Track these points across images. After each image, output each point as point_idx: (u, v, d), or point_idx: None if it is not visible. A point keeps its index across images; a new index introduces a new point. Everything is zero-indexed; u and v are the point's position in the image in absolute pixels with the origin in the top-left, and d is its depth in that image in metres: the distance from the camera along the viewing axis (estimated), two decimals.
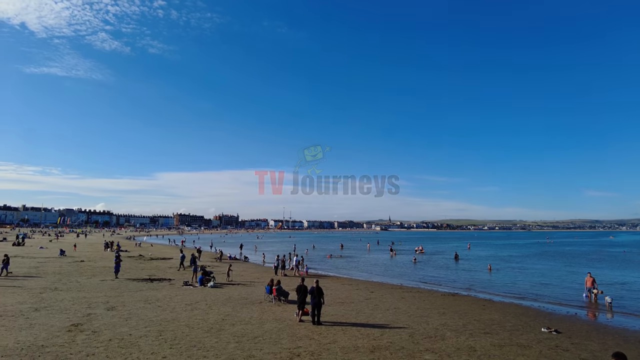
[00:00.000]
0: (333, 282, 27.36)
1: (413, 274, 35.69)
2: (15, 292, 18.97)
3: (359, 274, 34.58)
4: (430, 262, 47.38)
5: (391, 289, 24.91)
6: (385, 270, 38.31)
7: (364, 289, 23.75)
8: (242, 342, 11.40)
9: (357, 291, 22.85)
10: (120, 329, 12.47)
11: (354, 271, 37.26)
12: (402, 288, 25.51)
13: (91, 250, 51.38)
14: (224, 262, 38.81)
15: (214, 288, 22.16)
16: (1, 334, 11.57)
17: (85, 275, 25.99)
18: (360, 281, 28.93)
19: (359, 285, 25.71)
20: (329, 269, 38.96)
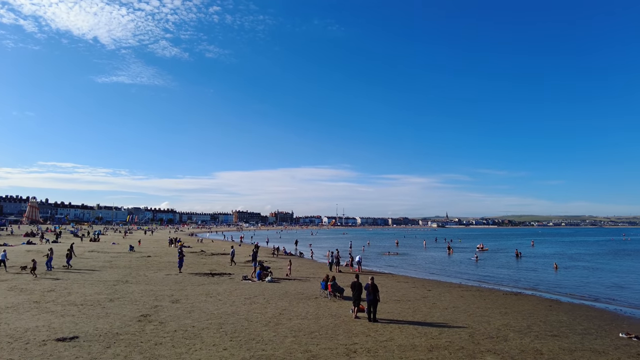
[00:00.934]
0: (388, 279, 27.04)
1: (472, 272, 34.41)
2: (93, 283, 20.60)
3: (415, 272, 33.89)
4: (491, 260, 45.39)
5: (449, 287, 24.18)
6: (442, 268, 37.24)
7: (420, 287, 23.25)
8: (299, 337, 11.58)
9: (413, 289, 22.42)
10: (184, 321, 13.14)
11: (410, 269, 36.57)
12: (461, 287, 24.67)
13: (157, 246, 54.57)
14: (280, 258, 39.67)
15: (271, 283, 22.70)
16: (82, 321, 12.63)
17: (152, 270, 27.66)
18: (416, 279, 28.35)
19: (416, 283, 25.21)
20: (383, 266, 38.55)
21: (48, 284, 19.88)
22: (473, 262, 42.69)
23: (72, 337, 10.82)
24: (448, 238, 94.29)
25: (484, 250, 59.98)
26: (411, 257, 50.00)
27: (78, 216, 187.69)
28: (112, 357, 9.30)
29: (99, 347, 10.09)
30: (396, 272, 33.50)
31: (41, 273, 23.46)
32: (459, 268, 37.59)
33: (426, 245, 70.67)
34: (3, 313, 13.59)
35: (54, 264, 25.79)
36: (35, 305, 14.89)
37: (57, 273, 24.22)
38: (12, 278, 21.75)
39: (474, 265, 40.32)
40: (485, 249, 61.56)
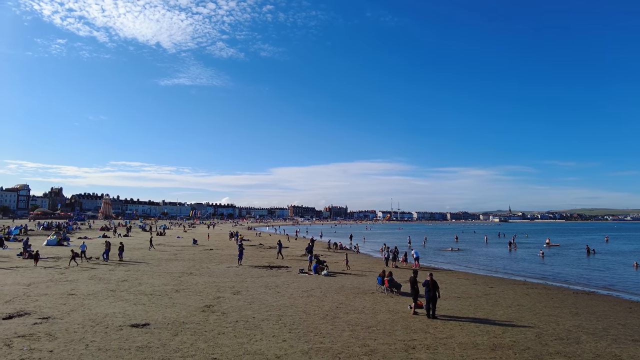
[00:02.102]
0: (448, 275, 26.29)
1: (538, 269, 32.52)
2: (160, 275, 21.94)
3: (475, 268, 32.66)
4: (558, 257, 42.65)
5: (513, 284, 23.07)
6: (505, 265, 35.57)
7: (482, 284, 22.38)
8: (357, 331, 11.60)
9: (474, 286, 21.63)
10: (245, 312, 13.62)
11: (470, 265, 35.30)
12: (526, 284, 23.44)
13: (218, 239, 56.95)
14: (336, 252, 39.90)
15: (327, 277, 22.91)
16: (152, 310, 13.51)
17: (214, 262, 28.92)
18: (477, 275, 27.32)
19: (477, 280, 24.29)
20: (442, 262, 37.54)
21: (122, 275, 21.45)
22: (538, 259, 40.36)
23: (144, 324, 11.61)
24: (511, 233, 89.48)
25: (552, 246, 56.48)
26: (471, 253, 48.21)
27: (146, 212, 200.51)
28: (179, 345, 9.86)
29: (167, 334, 10.74)
30: (455, 268, 32.50)
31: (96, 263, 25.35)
32: (523, 265, 35.70)
33: (487, 241, 67.73)
34: (86, 299, 14.87)
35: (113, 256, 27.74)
36: (112, 294, 16.13)
37: (128, 265, 26.06)
38: (92, 268, 23.70)
39: (539, 262, 38.10)
40: (554, 244, 57.94)
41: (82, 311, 13.07)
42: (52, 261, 26.32)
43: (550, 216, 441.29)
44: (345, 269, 26.21)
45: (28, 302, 14.18)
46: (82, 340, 9.99)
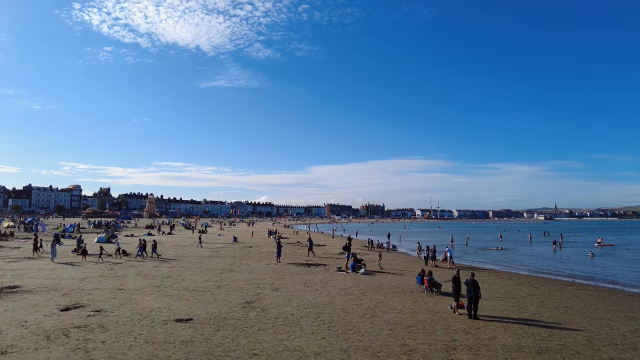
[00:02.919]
0: (490, 275, 25.52)
1: (588, 269, 30.89)
2: (202, 271, 22.63)
3: (519, 268, 31.48)
4: (610, 257, 40.34)
5: (560, 285, 22.08)
6: (552, 265, 34.07)
7: (526, 284, 21.57)
8: (396, 330, 11.50)
9: (518, 286, 20.88)
10: (284, 309, 13.82)
11: (514, 264, 34.06)
12: (575, 285, 22.37)
13: (257, 237, 57.98)
14: (374, 251, 39.65)
15: (365, 275, 22.82)
16: (195, 305, 13.98)
17: (254, 259, 29.49)
18: (521, 275, 26.34)
19: (521, 280, 23.43)
20: (484, 261, 36.47)
21: (166, 271, 22.30)
22: (588, 259, 38.36)
23: (188, 319, 12.03)
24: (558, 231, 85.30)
25: (604, 245, 53.49)
26: (515, 252, 46.48)
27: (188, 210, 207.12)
28: (221, 340, 10.15)
29: (209, 329, 11.07)
30: (498, 267, 31.48)
31: (129, 259, 26.38)
32: (571, 265, 34.04)
33: (532, 240, 65.11)
34: (133, 294, 15.59)
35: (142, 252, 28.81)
36: (157, 289, 16.81)
37: (172, 262, 27.05)
38: (139, 264, 24.78)
39: (589, 262, 36.20)
40: (606, 244, 54.83)
41: (130, 305, 13.71)
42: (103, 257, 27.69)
43: (600, 214, 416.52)
44: (381, 267, 25.98)
45: (82, 296, 15.03)
46: (131, 332, 10.49)
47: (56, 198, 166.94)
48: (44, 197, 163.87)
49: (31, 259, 25.87)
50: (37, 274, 20.11)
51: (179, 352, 9.08)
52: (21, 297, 14.63)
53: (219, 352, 9.17)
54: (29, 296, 14.78)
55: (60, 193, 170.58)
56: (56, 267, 22.74)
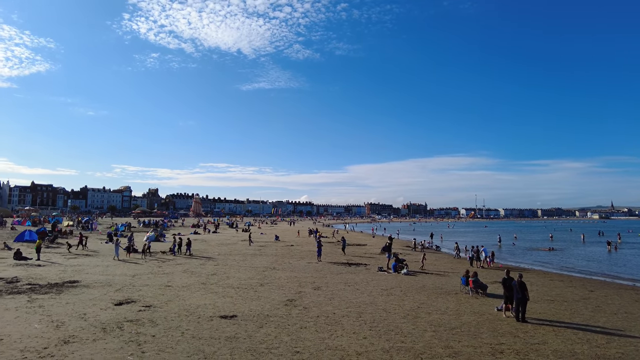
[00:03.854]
0: (539, 276, 24.42)
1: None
2: (246, 269, 23.16)
3: (572, 269, 29.88)
4: None
5: (619, 288, 20.77)
6: (608, 267, 32.09)
7: (579, 287, 20.45)
8: (439, 332, 11.26)
9: (570, 289, 19.84)
10: (325, 307, 13.89)
11: (566, 266, 32.36)
12: (635, 289, 20.97)
13: (298, 236, 58.53)
14: (417, 251, 39.00)
15: (407, 275, 22.49)
16: (239, 302, 14.33)
17: (295, 258, 29.82)
18: (573, 277, 25.01)
19: (573, 282, 22.24)
20: (533, 262, 34.92)
21: (211, 269, 23.00)
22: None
23: (232, 316, 12.35)
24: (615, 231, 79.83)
25: None
26: (567, 252, 44.17)
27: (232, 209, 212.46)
28: (264, 336, 10.35)
29: (253, 326, 11.32)
30: (548, 269, 30.06)
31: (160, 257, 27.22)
32: (631, 268, 31.90)
33: (585, 240, 61.60)
34: (180, 291, 16.21)
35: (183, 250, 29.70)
36: (203, 286, 17.38)
37: (217, 259, 27.86)
38: (185, 262, 25.72)
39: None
40: None
41: (178, 302, 14.26)
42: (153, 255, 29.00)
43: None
44: (423, 268, 25.50)
45: (133, 291, 15.81)
46: (179, 328, 10.92)
47: (109, 198, 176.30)
48: (98, 198, 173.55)
49: (88, 256, 27.48)
50: (93, 270, 21.34)
51: (224, 348, 9.35)
52: (80, 291, 15.59)
53: (262, 349, 9.36)
54: (87, 290, 15.72)
55: (113, 194, 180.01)
56: (110, 264, 24.03)
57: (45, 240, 33.24)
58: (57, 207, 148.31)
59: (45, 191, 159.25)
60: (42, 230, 40.15)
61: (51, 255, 27.12)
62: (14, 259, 24.00)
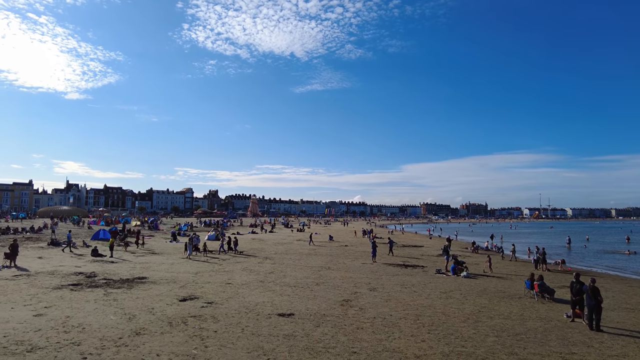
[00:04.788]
0: (615, 282, 22.56)
1: None
2: (302, 269, 23.48)
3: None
4: None
5: None
6: None
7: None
8: (502, 337, 10.74)
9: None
10: (382, 309, 13.73)
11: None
12: None
13: (352, 236, 58.46)
14: (476, 253, 37.54)
15: (467, 278, 21.69)
16: (296, 301, 14.56)
17: (350, 258, 29.79)
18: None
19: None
20: (608, 266, 32.32)
21: (269, 267, 23.57)
22: None
23: (289, 314, 12.58)
24: None
25: None
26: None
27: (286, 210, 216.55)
28: (321, 335, 10.43)
29: (310, 325, 11.45)
30: (626, 274, 27.68)
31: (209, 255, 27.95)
32: None
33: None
34: (240, 288, 16.77)
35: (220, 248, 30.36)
36: (261, 284, 17.85)
37: (274, 258, 28.50)
38: (244, 260, 26.58)
39: None
40: None
41: (238, 299, 14.75)
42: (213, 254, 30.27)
43: None
44: (488, 271, 24.42)
45: (196, 288, 16.57)
46: (239, 324, 11.29)
47: (172, 200, 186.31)
48: (163, 199, 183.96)
49: (154, 254, 29.20)
50: (159, 267, 22.65)
51: (282, 346, 9.53)
52: (148, 287, 16.61)
53: (320, 348, 9.44)
54: (154, 286, 16.71)
55: (176, 195, 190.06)
56: (174, 261, 25.38)
57: (117, 238, 35.73)
58: (126, 208, 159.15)
59: (115, 193, 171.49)
60: (114, 229, 43.32)
61: (122, 252, 29.14)
62: (91, 255, 26.10)
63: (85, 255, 26.66)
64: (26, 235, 40.28)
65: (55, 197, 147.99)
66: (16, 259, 21.33)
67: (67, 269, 20.76)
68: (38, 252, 27.86)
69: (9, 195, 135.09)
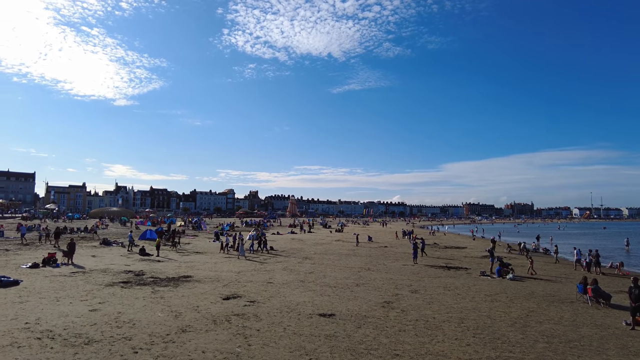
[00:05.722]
0: None
1: None
2: (342, 269, 23.45)
3: None
4: None
5: None
6: None
7: None
8: (553, 344, 10.24)
9: None
10: (424, 311, 13.47)
11: None
12: None
13: (391, 237, 57.71)
14: (522, 255, 36.08)
15: (513, 281, 20.87)
16: (337, 301, 14.55)
17: (390, 259, 29.44)
18: None
19: None
20: None
21: (308, 267, 23.71)
22: None
23: (330, 314, 12.58)
24: None
25: None
26: None
27: (324, 210, 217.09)
28: (363, 337, 10.36)
29: (351, 326, 11.40)
30: None
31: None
32: None
33: None
34: (281, 288, 16.97)
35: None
36: (301, 284, 17.99)
37: (313, 258, 28.65)
38: (285, 260, 26.89)
39: None
40: None
41: (279, 298, 14.93)
42: (252, 254, 30.86)
43: None
44: (533, 272, 23.42)
45: (239, 287, 16.93)
46: (280, 323, 11.42)
47: (215, 201, 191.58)
48: (206, 200, 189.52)
49: (198, 254, 30.11)
50: (203, 266, 23.33)
51: (324, 346, 9.55)
52: (193, 285, 17.14)
53: (362, 350, 9.38)
54: (198, 285, 17.23)
55: (218, 196, 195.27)
56: (217, 260, 26.06)
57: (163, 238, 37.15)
58: (171, 209, 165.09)
59: (161, 195, 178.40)
60: (160, 230, 45.06)
61: (168, 252, 30.25)
62: (139, 254, 27.28)
63: (134, 254, 27.89)
64: (80, 234, 42.67)
65: (105, 198, 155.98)
66: (73, 257, 22.65)
67: (117, 267, 21.81)
68: (91, 250, 29.46)
69: (65, 197, 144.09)
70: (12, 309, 12.23)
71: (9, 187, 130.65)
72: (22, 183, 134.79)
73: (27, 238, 34.57)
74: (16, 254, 25.74)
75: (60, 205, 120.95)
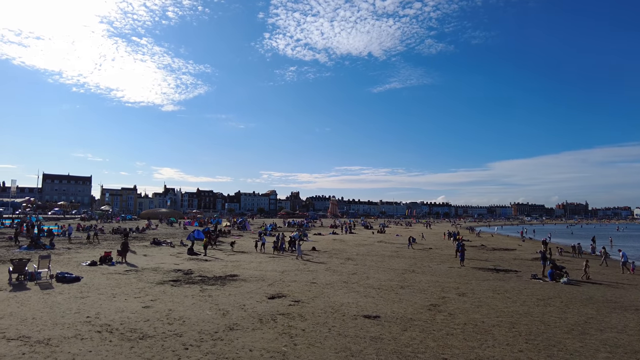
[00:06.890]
0: None
1: None
2: (385, 271, 23.19)
3: None
4: None
5: None
6: None
7: None
8: (617, 354, 9.59)
9: None
10: (472, 315, 13.04)
11: None
12: None
13: (436, 239, 56.46)
14: (577, 257, 34.18)
15: (568, 285, 19.79)
16: (381, 303, 14.39)
17: (435, 261, 28.76)
18: None
19: None
20: None
21: (351, 268, 23.62)
22: None
23: (375, 316, 12.45)
24: None
25: None
26: None
27: (365, 211, 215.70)
28: (409, 340, 10.17)
29: (397, 328, 11.22)
30: None
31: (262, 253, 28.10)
32: None
33: None
34: (325, 288, 17.01)
35: None
36: (345, 285, 17.94)
37: (356, 259, 28.52)
38: (327, 261, 26.94)
39: None
40: None
41: (323, 298, 14.97)
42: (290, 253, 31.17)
43: None
44: (588, 276, 22.08)
45: (283, 287, 17.14)
46: (325, 324, 11.43)
47: (258, 202, 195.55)
48: (249, 201, 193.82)
49: (244, 253, 30.80)
50: (248, 265, 23.82)
51: (370, 348, 9.46)
52: (239, 284, 17.54)
53: (408, 353, 9.21)
54: (244, 284, 17.60)
55: (261, 197, 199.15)
56: (262, 260, 26.53)
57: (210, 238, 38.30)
58: (216, 210, 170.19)
59: (207, 196, 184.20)
60: (207, 230, 46.51)
61: (215, 251, 31.16)
62: (187, 254, 28.28)
63: (183, 253, 28.94)
64: (132, 234, 44.87)
65: (155, 200, 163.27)
66: (126, 256, 23.84)
67: (167, 266, 22.70)
68: (143, 250, 30.87)
69: (118, 199, 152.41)
70: (75, 303, 13.05)
71: (69, 190, 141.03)
72: (80, 186, 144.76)
73: (79, 238, 36.87)
74: (77, 252, 27.44)
75: (113, 206, 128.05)
